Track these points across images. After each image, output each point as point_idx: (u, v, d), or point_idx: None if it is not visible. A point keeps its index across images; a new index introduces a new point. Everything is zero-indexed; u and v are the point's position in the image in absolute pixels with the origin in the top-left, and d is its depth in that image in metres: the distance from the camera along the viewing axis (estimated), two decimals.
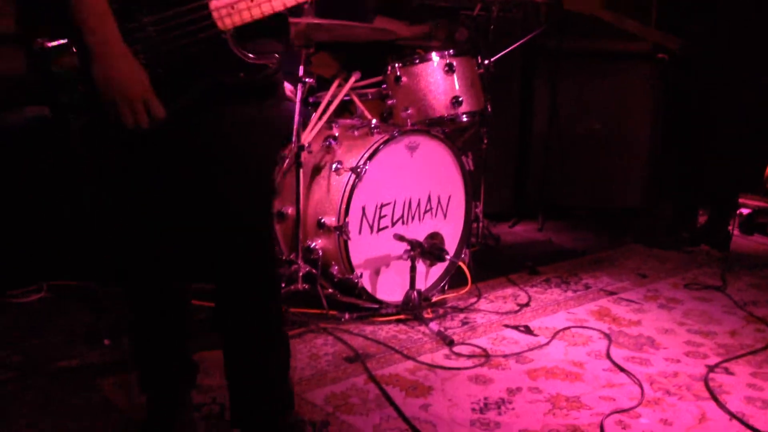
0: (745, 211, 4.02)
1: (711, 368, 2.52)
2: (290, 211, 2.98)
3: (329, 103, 3.07)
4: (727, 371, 2.52)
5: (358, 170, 2.82)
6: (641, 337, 2.78)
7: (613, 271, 3.50)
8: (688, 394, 2.37)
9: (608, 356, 2.60)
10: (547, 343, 2.70)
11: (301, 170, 2.90)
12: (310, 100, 3.15)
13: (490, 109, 3.36)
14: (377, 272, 2.94)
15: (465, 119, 3.21)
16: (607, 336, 2.75)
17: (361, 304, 2.89)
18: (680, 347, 2.70)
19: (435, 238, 3.01)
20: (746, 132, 3.69)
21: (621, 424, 2.19)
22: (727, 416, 2.24)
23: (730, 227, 3.78)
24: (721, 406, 2.29)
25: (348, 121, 3.19)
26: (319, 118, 3.02)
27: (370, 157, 2.85)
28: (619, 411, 2.25)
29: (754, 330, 2.85)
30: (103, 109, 1.61)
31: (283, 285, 2.86)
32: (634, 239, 3.93)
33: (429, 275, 3.06)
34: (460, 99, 3.15)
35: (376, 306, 2.90)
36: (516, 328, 2.84)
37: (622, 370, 2.51)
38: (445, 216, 3.11)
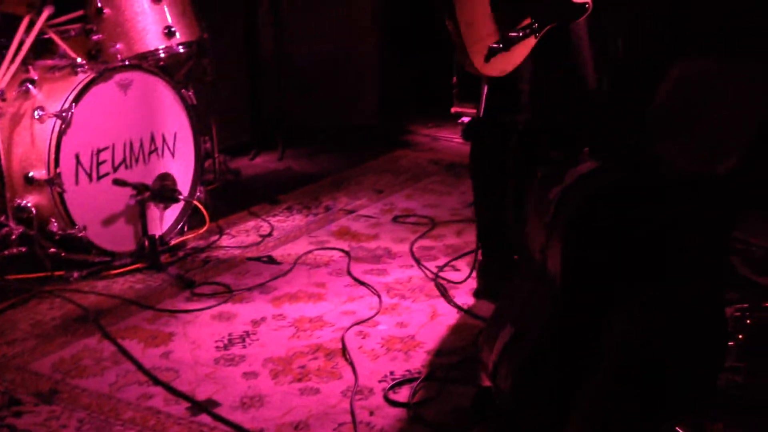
0: (465, 119, 4.29)
1: (441, 268, 2.70)
2: None
3: (21, 42, 2.73)
4: (454, 268, 2.72)
5: (64, 114, 2.57)
6: (379, 249, 2.90)
7: (351, 190, 3.58)
8: (421, 296, 2.52)
9: (348, 272, 2.68)
10: (290, 270, 2.71)
11: None
12: None
13: (207, 37, 3.20)
14: (106, 223, 2.74)
15: (182, 50, 3.03)
16: (347, 253, 2.83)
17: (91, 260, 2.69)
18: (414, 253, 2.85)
19: (166, 179, 2.87)
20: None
21: (361, 334, 2.28)
22: (455, 309, 2.42)
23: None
24: (450, 301, 2.47)
25: (49, 62, 2.87)
26: (12, 61, 2.69)
27: (75, 100, 2.60)
28: (359, 322, 2.34)
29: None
30: None
31: None
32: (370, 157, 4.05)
33: (165, 219, 2.91)
34: (173, 29, 2.95)
35: (108, 258, 2.72)
36: (259, 259, 2.82)
37: (361, 283, 2.60)
38: (173, 155, 2.96)
